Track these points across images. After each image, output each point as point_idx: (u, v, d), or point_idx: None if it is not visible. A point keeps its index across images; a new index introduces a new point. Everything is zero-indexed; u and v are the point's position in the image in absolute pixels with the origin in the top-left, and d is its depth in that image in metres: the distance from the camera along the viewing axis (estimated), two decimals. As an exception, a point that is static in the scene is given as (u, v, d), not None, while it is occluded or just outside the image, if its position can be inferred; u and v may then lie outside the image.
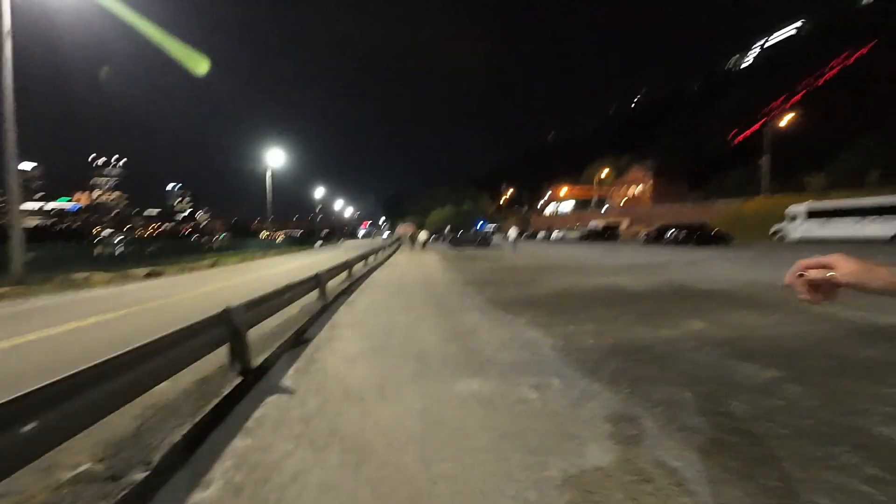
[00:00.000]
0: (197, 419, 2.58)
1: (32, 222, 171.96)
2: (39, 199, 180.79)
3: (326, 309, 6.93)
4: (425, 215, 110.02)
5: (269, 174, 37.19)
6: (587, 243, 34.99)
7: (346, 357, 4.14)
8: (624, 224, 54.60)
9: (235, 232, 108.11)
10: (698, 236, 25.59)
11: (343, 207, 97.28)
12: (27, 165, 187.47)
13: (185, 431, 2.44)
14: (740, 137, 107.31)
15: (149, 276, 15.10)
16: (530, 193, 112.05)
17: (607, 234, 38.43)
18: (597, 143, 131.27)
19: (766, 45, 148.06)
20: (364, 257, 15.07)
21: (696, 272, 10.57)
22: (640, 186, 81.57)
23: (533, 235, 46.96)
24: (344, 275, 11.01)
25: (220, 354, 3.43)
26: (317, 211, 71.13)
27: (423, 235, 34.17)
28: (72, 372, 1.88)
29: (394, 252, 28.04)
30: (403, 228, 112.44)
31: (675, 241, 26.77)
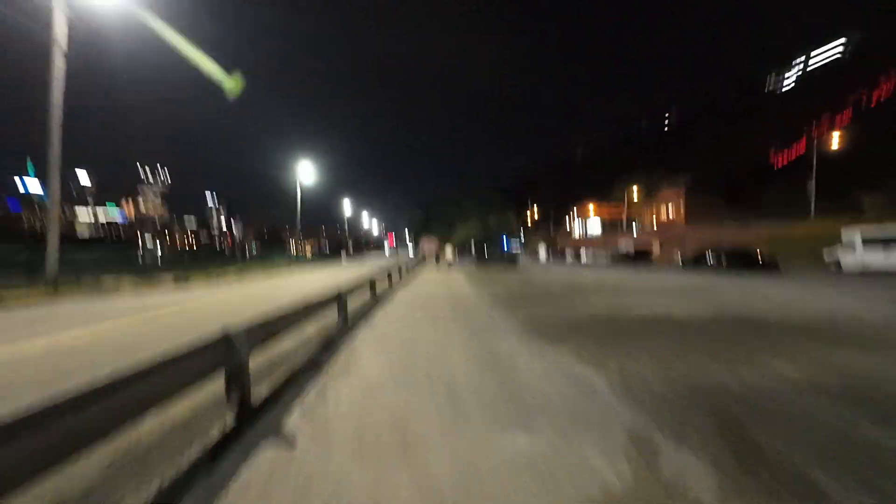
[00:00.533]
0: (165, 482, 1.98)
1: (84, 228, 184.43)
2: (91, 207, 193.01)
3: (347, 330, 6.37)
4: (450, 229, 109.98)
5: (298, 188, 37.86)
6: (618, 266, 33.50)
7: (363, 392, 3.49)
8: (656, 246, 52.40)
9: (265, 242, 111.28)
10: (743, 261, 23.87)
11: (369, 221, 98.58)
12: (82, 174, 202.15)
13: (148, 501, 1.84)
14: (782, 157, 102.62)
15: (175, 282, 15.15)
16: (557, 210, 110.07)
17: (639, 257, 36.74)
18: (625, 159, 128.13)
19: (809, 61, 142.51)
20: (389, 275, 14.60)
21: (755, 300, 9.42)
22: (673, 206, 78.51)
23: (561, 257, 45.61)
24: (367, 292, 10.51)
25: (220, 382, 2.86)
26: (345, 226, 72.14)
27: (449, 254, 33.27)
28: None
29: (419, 269, 27.58)
30: (428, 244, 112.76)
31: (717, 267, 25.06)
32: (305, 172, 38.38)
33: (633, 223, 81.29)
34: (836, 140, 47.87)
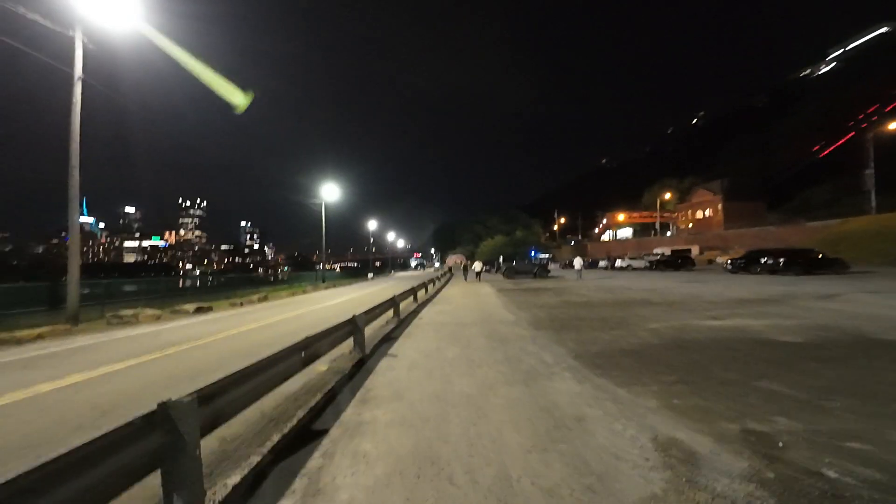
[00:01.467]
0: None
1: (130, 258, 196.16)
2: (138, 238, 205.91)
3: (362, 365, 5.35)
4: (476, 245, 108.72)
5: (323, 209, 37.99)
6: (658, 272, 31.21)
7: (375, 483, 2.40)
8: (694, 250, 49.24)
9: (295, 264, 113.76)
10: (803, 263, 21.45)
11: (395, 239, 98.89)
12: (130, 209, 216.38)
13: None
14: (828, 150, 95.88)
15: (197, 311, 14.71)
16: (584, 220, 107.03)
17: (680, 261, 34.25)
18: (654, 166, 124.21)
19: (847, 49, 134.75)
20: (414, 291, 13.60)
21: (857, 312, 7.75)
22: (709, 209, 74.43)
23: (594, 264, 43.34)
24: (389, 313, 9.52)
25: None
26: (370, 244, 72.30)
27: (477, 265, 32.96)
28: None
29: (445, 284, 26.50)
30: (454, 259, 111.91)
31: (772, 269, 22.69)
32: (330, 193, 38.56)
33: (668, 229, 77.64)
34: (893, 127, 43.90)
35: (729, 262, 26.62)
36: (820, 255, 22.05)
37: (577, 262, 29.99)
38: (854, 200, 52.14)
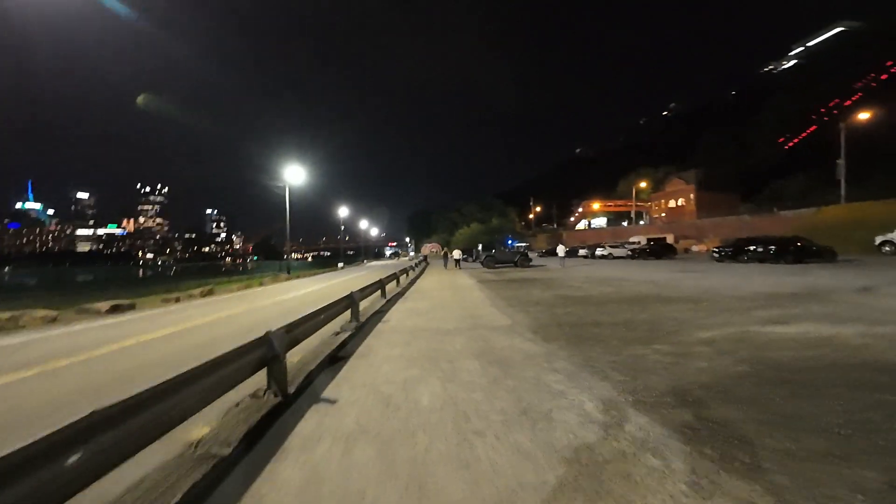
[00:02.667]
0: None
1: (85, 247, 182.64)
2: (92, 226, 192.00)
3: (278, 415, 3.10)
4: (451, 233, 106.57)
5: (287, 193, 34.75)
6: (641, 261, 30.09)
7: None
8: (669, 239, 48.98)
9: (264, 253, 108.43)
10: (795, 251, 20.54)
11: (369, 227, 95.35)
12: (83, 194, 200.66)
13: None
14: (793, 142, 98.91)
15: (112, 311, 11.88)
16: (559, 209, 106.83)
17: (663, 250, 33.36)
18: (628, 156, 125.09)
19: (809, 46, 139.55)
20: (382, 284, 11.31)
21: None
22: (682, 199, 75.17)
23: (573, 252, 42.02)
24: (346, 315, 7.23)
25: None
26: (342, 231, 68.86)
27: (456, 253, 31.10)
28: None
29: (420, 273, 24.25)
30: (429, 248, 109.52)
31: (761, 258, 21.75)
32: (295, 176, 35.32)
33: (641, 217, 78.06)
34: (863, 118, 44.36)
35: (714, 250, 25.65)
36: (809, 244, 21.23)
37: (560, 249, 28.40)
38: (825, 190, 53.34)
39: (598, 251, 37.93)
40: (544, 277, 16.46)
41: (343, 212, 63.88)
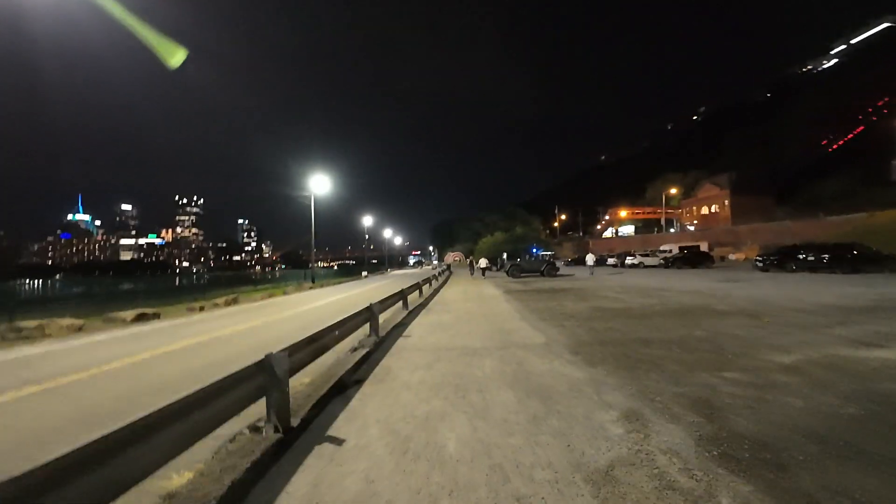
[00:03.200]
0: None
1: (127, 255, 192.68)
2: (134, 236, 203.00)
3: (271, 462, 2.56)
4: (475, 242, 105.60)
5: (312, 202, 35.13)
6: (676, 270, 28.45)
7: None
8: (703, 247, 46.54)
9: (291, 262, 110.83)
10: (852, 259, 18.80)
11: (393, 237, 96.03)
12: (126, 206, 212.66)
13: None
14: (838, 143, 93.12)
15: (138, 319, 11.89)
16: (585, 217, 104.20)
17: (696, 258, 31.49)
18: (654, 162, 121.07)
19: (851, 42, 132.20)
20: (403, 295, 10.77)
21: None
22: (715, 205, 71.74)
23: (602, 261, 40.49)
24: (364, 329, 6.72)
25: None
26: (366, 241, 69.37)
27: (483, 262, 30.53)
28: None
29: (444, 283, 23.69)
30: (452, 256, 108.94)
31: (813, 267, 20.04)
32: (320, 186, 35.75)
33: (671, 225, 74.95)
34: (921, 114, 40.93)
35: (758, 258, 23.89)
36: (868, 252, 19.35)
37: (590, 258, 27.31)
38: (869, 193, 49.56)
39: (629, 260, 36.33)
40: (575, 287, 15.54)
41: (367, 221, 64.37)
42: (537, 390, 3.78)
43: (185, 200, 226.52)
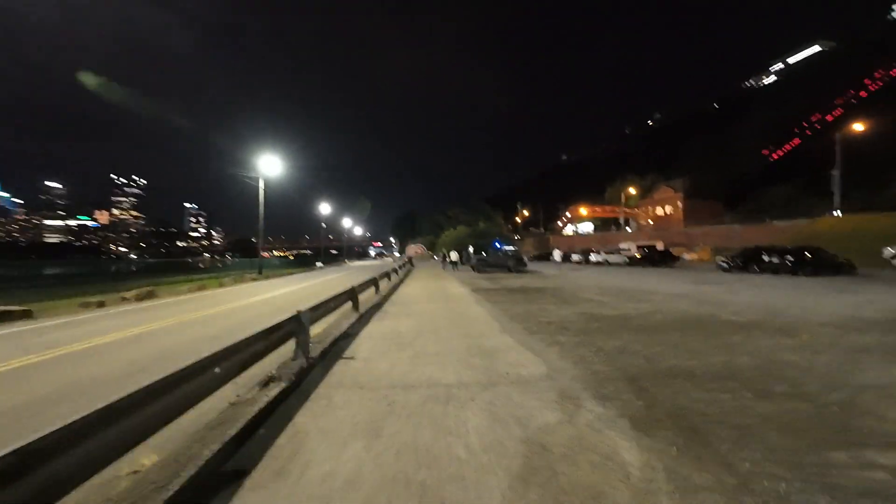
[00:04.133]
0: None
1: (54, 238, 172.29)
2: (63, 217, 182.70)
3: None
4: (437, 235, 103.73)
5: (261, 185, 31.69)
6: (640, 268, 28.14)
7: None
8: (659, 246, 47.49)
9: (239, 250, 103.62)
10: (813, 263, 18.87)
11: (352, 226, 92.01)
12: (53, 183, 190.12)
13: None
14: (777, 154, 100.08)
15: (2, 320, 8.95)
16: (546, 214, 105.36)
17: (659, 257, 31.51)
18: (613, 164, 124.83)
19: (788, 62, 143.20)
20: (354, 294, 8.67)
21: None
22: (669, 206, 74.47)
23: (566, 258, 39.97)
24: (289, 346, 4.63)
25: None
26: (323, 229, 65.34)
27: (454, 255, 28.97)
28: None
29: (405, 277, 21.63)
30: (414, 249, 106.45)
31: (775, 269, 20.07)
32: (271, 168, 32.37)
33: (628, 224, 76.99)
34: (859, 128, 43.55)
35: (723, 260, 23.83)
36: (827, 255, 19.53)
37: (557, 254, 26.43)
38: (810, 201, 53.00)
39: (593, 257, 35.96)
40: (549, 287, 14.06)
41: (325, 209, 60.58)
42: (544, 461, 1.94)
43: (122, 180, 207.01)
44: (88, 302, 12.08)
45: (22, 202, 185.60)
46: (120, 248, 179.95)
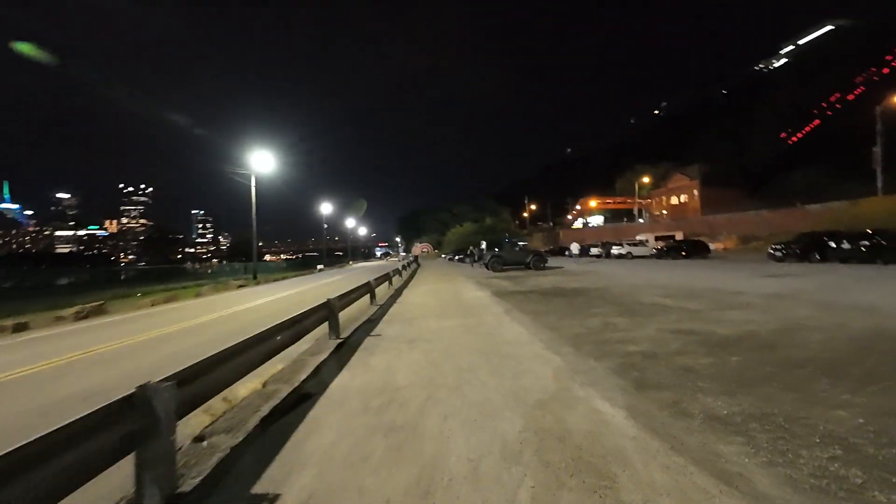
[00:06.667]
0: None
1: (65, 248, 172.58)
2: (73, 227, 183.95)
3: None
4: (443, 233, 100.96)
5: (253, 182, 29.21)
6: (671, 261, 25.22)
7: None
8: (678, 236, 44.20)
9: (240, 254, 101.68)
10: (892, 249, 15.92)
11: (356, 227, 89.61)
12: (63, 195, 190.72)
13: None
14: (796, 137, 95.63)
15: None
16: (554, 208, 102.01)
17: (692, 248, 28.52)
18: (620, 156, 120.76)
19: (800, 44, 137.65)
20: (330, 313, 5.99)
21: None
22: (684, 195, 70.76)
23: (585, 251, 36.95)
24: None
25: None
26: (325, 230, 62.89)
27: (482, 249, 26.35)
28: None
29: (410, 278, 18.98)
30: (419, 248, 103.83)
31: (845, 258, 17.17)
32: (262, 164, 29.92)
33: (640, 216, 73.39)
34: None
35: (776, 247, 20.82)
36: (896, 238, 16.46)
37: (575, 247, 23.63)
38: (837, 184, 49.36)
39: (615, 250, 32.83)
40: (589, 287, 11.24)
41: (327, 209, 58.05)
42: None
43: (130, 189, 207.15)
44: (62, 315, 9.57)
45: (32, 214, 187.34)
46: (129, 257, 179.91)
